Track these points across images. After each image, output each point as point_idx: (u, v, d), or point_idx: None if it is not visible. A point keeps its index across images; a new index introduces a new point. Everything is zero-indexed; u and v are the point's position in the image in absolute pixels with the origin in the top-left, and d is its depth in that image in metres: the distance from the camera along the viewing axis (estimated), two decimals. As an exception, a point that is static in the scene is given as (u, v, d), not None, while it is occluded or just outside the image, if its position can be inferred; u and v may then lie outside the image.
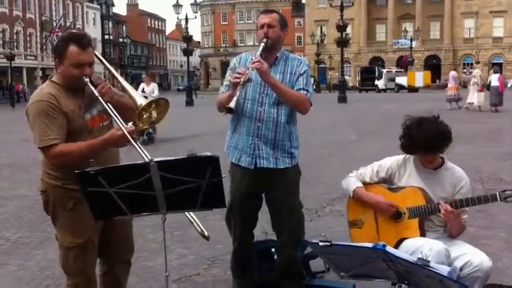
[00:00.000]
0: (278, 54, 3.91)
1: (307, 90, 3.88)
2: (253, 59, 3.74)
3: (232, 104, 3.56)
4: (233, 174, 4.00)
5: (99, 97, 3.19)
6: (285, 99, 3.81)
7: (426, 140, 3.49)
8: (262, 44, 3.80)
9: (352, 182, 3.79)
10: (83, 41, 3.20)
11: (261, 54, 3.77)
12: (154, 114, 3.42)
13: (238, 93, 3.61)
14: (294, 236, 4.00)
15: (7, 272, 5.22)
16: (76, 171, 2.84)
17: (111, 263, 3.55)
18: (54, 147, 3.12)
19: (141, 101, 3.34)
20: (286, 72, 3.88)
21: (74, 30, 4.45)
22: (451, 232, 3.60)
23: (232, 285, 4.37)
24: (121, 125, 3.13)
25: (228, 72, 3.98)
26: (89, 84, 3.20)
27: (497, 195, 3.36)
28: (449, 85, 26.61)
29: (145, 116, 3.39)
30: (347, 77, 54.04)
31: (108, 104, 3.21)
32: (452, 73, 27.09)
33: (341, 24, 38.44)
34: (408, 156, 3.74)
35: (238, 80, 3.61)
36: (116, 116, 3.20)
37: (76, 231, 3.27)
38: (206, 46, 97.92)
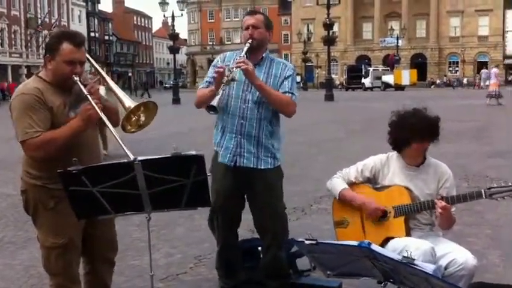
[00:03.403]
0: (264, 55, 3.91)
1: (293, 93, 3.87)
2: (237, 59, 3.72)
3: (214, 102, 3.51)
4: (215, 172, 3.99)
5: (88, 95, 3.16)
6: (270, 101, 3.80)
7: (427, 125, 3.53)
8: (247, 45, 3.79)
9: (337, 184, 3.78)
10: (77, 39, 3.20)
11: (246, 55, 3.76)
12: (142, 117, 3.40)
13: (221, 91, 3.57)
14: (277, 237, 3.99)
15: (-9, 271, 5.16)
16: (59, 171, 2.82)
17: (94, 262, 3.52)
18: (36, 139, 3.08)
19: (129, 104, 3.32)
20: (271, 74, 3.87)
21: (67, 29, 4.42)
22: (443, 227, 3.60)
23: (218, 284, 4.36)
24: (94, 104, 3.09)
25: (211, 69, 3.96)
26: (79, 83, 3.18)
27: (483, 192, 3.37)
28: (491, 81, 27.78)
29: (133, 118, 3.37)
30: (333, 75, 54.18)
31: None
32: (494, 70, 28.21)
33: (328, 22, 38.53)
34: (391, 154, 3.75)
35: (221, 78, 3.58)
36: (103, 115, 3.15)
37: (58, 231, 3.23)
38: (193, 44, 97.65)
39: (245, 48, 3.78)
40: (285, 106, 3.85)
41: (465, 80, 69.75)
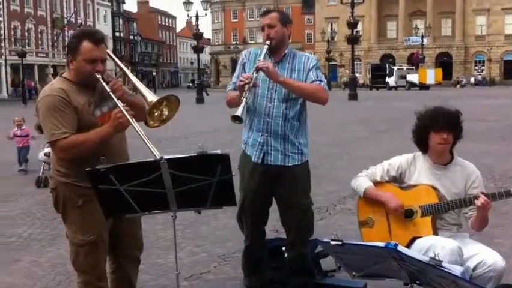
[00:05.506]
0: (286, 51, 3.92)
1: (321, 81, 3.88)
2: (256, 63, 3.74)
3: (238, 112, 3.53)
4: (243, 170, 4.01)
5: (111, 93, 3.18)
6: (299, 93, 3.82)
7: (443, 113, 3.56)
8: (266, 46, 3.82)
9: (362, 182, 3.76)
10: (96, 37, 3.22)
11: (267, 54, 3.80)
12: (166, 111, 3.40)
13: (244, 100, 3.59)
14: (303, 234, 4.00)
15: (19, 268, 5.24)
16: (87, 169, 2.85)
17: (120, 260, 3.55)
18: (64, 141, 3.12)
19: (152, 98, 3.31)
20: (294, 68, 3.89)
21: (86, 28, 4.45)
22: (475, 226, 3.55)
23: (243, 282, 4.37)
24: (125, 112, 3.11)
25: (238, 67, 4.02)
26: (101, 81, 3.20)
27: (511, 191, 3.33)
28: None
29: (156, 113, 3.37)
30: (357, 75, 53.90)
31: (119, 100, 3.20)
32: None
33: (352, 21, 38.31)
34: (418, 153, 3.73)
35: (243, 84, 3.60)
36: (127, 111, 3.17)
37: (86, 228, 3.27)
38: (216, 43, 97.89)
39: (264, 50, 3.82)
40: (315, 94, 3.86)
41: (472, 79, 68.80)
